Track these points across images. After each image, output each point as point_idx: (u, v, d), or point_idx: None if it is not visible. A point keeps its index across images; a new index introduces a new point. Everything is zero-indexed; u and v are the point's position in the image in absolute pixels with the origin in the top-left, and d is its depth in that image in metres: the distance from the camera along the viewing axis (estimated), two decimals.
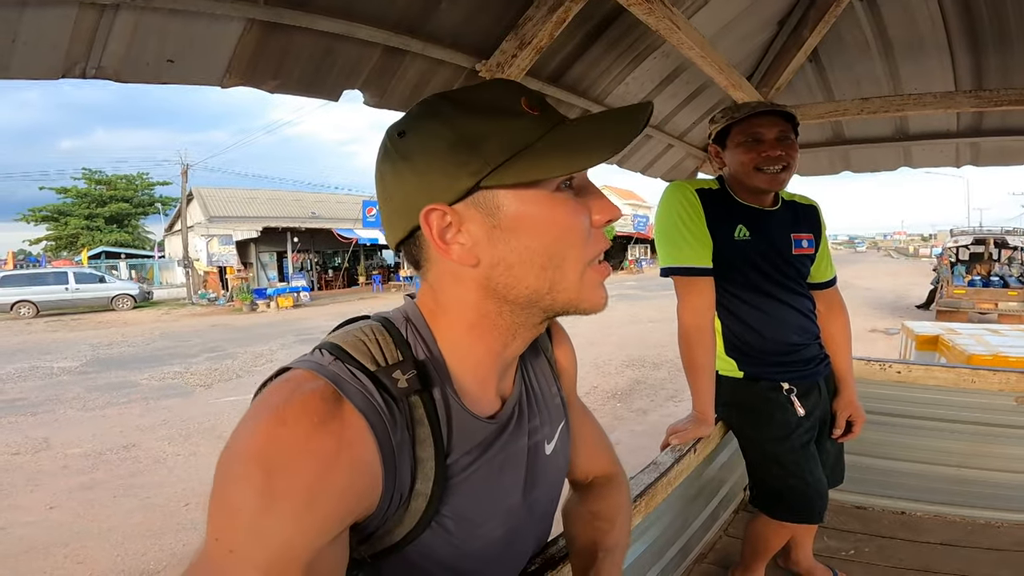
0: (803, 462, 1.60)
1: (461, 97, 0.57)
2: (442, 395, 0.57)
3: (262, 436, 0.46)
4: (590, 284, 0.58)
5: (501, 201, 0.54)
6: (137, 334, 13.79)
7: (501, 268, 0.55)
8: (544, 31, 1.30)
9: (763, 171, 1.50)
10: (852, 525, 2.20)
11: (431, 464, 0.55)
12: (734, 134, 1.53)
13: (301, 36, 1.13)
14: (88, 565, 3.43)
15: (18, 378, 8.88)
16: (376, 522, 0.54)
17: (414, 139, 0.55)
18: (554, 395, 0.75)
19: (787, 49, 2.24)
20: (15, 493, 4.50)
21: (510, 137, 0.53)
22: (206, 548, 0.45)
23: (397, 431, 0.52)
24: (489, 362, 0.61)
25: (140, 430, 6.05)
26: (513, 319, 0.59)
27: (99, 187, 32.56)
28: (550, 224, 0.55)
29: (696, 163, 2.78)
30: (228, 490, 0.46)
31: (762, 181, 1.52)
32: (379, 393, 0.52)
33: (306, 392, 0.49)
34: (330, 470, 0.46)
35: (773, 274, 1.59)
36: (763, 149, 1.49)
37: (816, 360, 1.67)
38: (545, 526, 0.77)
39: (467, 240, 0.54)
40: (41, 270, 20.60)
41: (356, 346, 0.55)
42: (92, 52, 0.93)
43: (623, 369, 8.23)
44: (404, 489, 0.54)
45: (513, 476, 0.65)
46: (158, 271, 25.71)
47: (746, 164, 1.51)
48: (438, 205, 0.53)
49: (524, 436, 0.67)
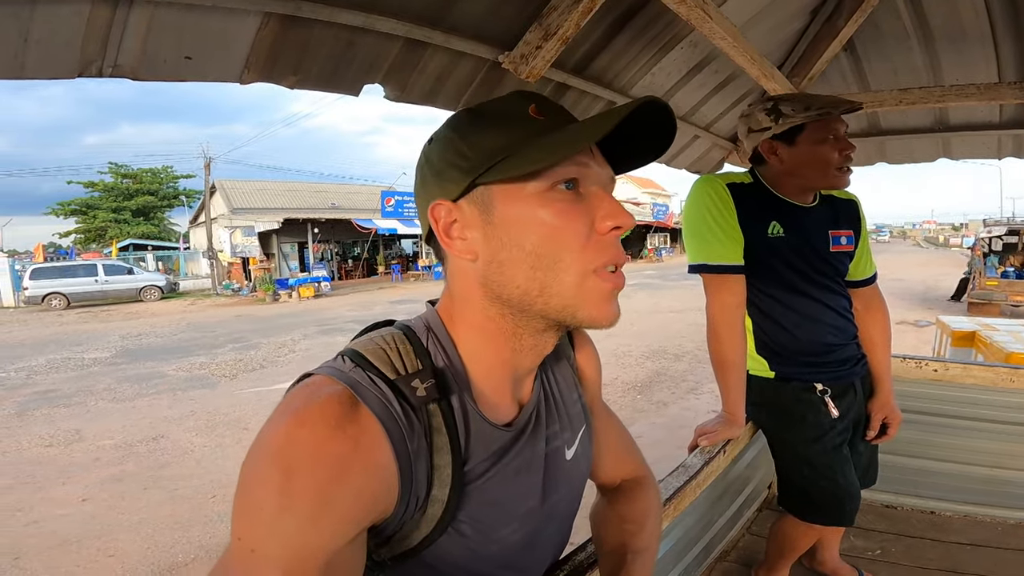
0: (835, 464, 1.55)
1: (482, 107, 0.61)
2: (460, 403, 0.58)
3: (281, 438, 0.48)
4: (593, 294, 0.56)
5: (493, 198, 0.56)
6: (164, 325, 14.09)
7: (494, 266, 0.57)
8: (570, 21, 1.25)
9: (840, 170, 1.44)
10: (879, 524, 2.17)
11: (448, 471, 0.56)
12: (812, 130, 1.43)
13: (320, 30, 1.10)
14: (119, 558, 3.50)
15: (51, 369, 9.13)
16: (393, 526, 0.55)
17: (435, 144, 0.61)
18: (575, 401, 0.75)
19: (821, 39, 2.16)
20: (48, 485, 4.61)
21: (508, 137, 0.56)
22: (230, 547, 0.47)
23: (415, 438, 0.54)
24: (501, 368, 0.62)
25: (168, 421, 6.18)
26: (515, 321, 0.59)
27: (125, 180, 33.28)
28: (537, 223, 0.55)
29: (722, 154, 2.70)
30: (249, 490, 0.47)
31: (841, 181, 1.45)
32: (398, 401, 0.53)
33: (324, 396, 0.50)
34: (346, 472, 0.48)
35: (808, 272, 1.52)
36: (843, 148, 1.42)
37: (852, 361, 1.60)
38: (565, 529, 0.77)
39: (467, 236, 0.58)
40: (71, 263, 21.06)
41: (377, 354, 0.57)
42: (108, 50, 0.91)
43: (643, 360, 8.16)
44: (420, 495, 0.55)
45: (530, 482, 0.66)
46: (184, 262, 26.18)
47: (830, 164, 1.43)
48: (443, 200, 0.58)
49: (541, 442, 0.67)
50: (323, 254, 24.32)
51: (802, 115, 1.41)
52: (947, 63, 2.28)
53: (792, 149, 1.45)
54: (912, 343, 8.67)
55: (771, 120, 1.45)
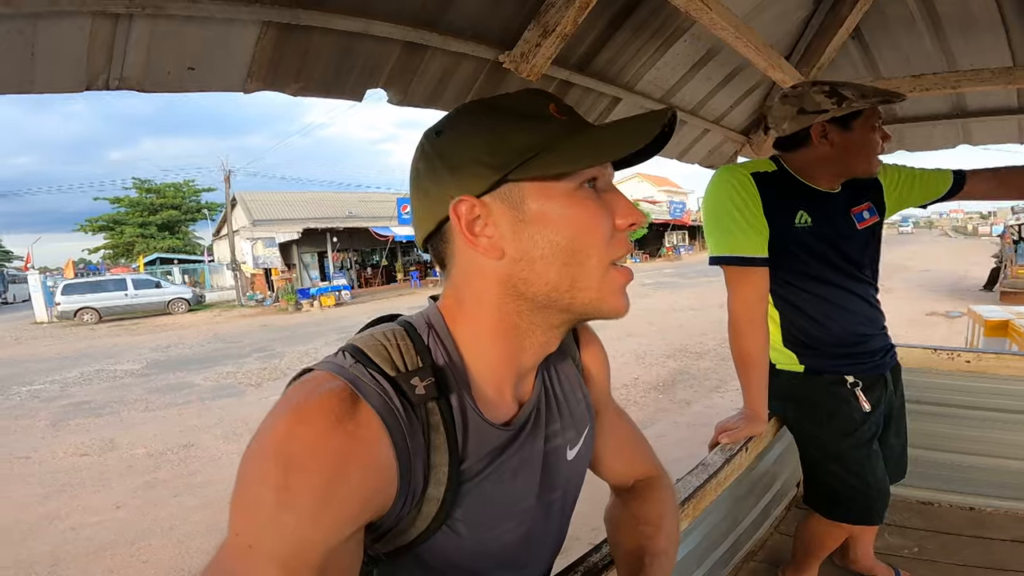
0: (866, 460, 1.50)
1: (495, 102, 0.60)
2: (459, 402, 0.58)
3: (280, 433, 0.48)
4: (611, 286, 0.59)
5: (526, 195, 0.56)
6: (192, 336, 14.41)
7: (524, 263, 0.57)
8: (567, 18, 1.24)
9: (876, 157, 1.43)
10: (915, 522, 2.11)
11: (445, 470, 0.56)
12: (866, 117, 1.40)
13: (319, 37, 1.12)
14: (153, 564, 3.58)
15: (84, 382, 9.40)
16: (390, 522, 0.55)
17: (449, 137, 0.59)
18: (579, 400, 0.74)
19: (826, 27, 2.12)
20: (84, 494, 4.74)
21: (537, 135, 0.56)
22: (227, 542, 0.47)
23: (413, 436, 0.54)
24: (505, 366, 0.62)
25: (198, 430, 6.32)
26: (531, 319, 0.60)
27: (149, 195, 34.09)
28: (572, 219, 0.56)
29: (735, 147, 2.66)
30: (248, 486, 0.47)
31: (875, 166, 1.45)
32: (398, 398, 0.53)
33: (324, 391, 0.50)
34: (345, 468, 0.47)
35: (837, 261, 1.48)
36: (885, 136, 1.42)
37: (882, 351, 1.56)
38: (563, 527, 0.76)
39: (493, 232, 0.57)
40: (101, 278, 21.64)
41: (377, 350, 0.56)
42: (113, 63, 0.93)
43: (664, 360, 8.08)
44: (417, 492, 0.55)
45: (527, 480, 0.65)
46: (208, 275, 26.69)
47: (875, 150, 1.42)
48: (467, 196, 0.56)
49: (540, 440, 0.67)
50: (343, 263, 24.61)
51: (861, 101, 1.38)
52: (959, 48, 2.22)
53: (846, 134, 1.42)
54: (943, 335, 8.44)
55: (832, 103, 1.40)
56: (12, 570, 3.52)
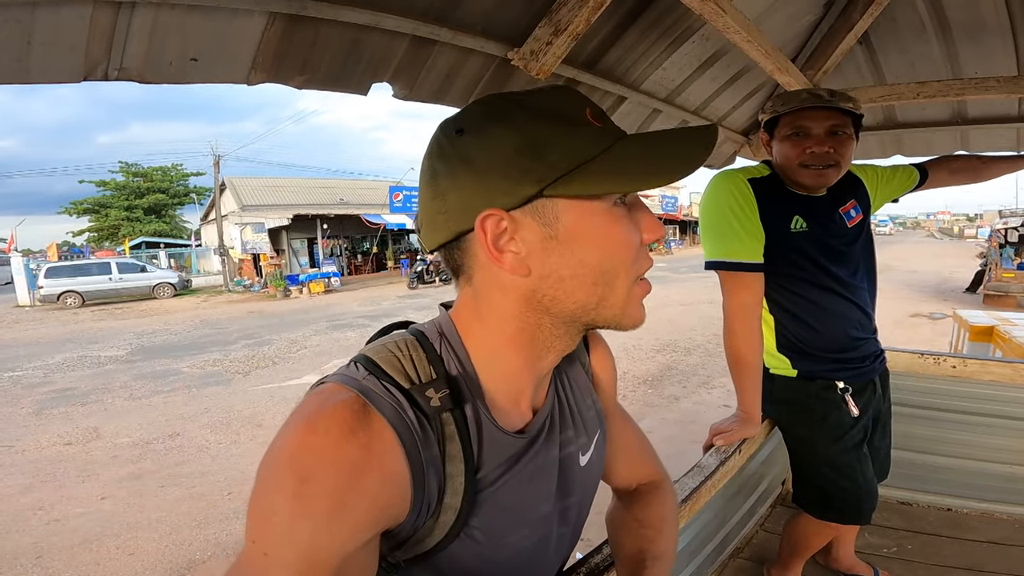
0: (855, 463, 1.54)
1: (526, 101, 0.55)
2: (473, 412, 0.58)
3: (295, 444, 0.48)
4: (634, 301, 0.58)
5: (560, 212, 0.53)
6: (178, 322, 14.25)
7: (552, 280, 0.55)
8: (580, 17, 1.22)
9: (808, 167, 1.41)
10: (895, 522, 2.16)
11: (461, 480, 0.56)
12: (782, 125, 1.44)
13: (326, 29, 1.08)
14: (139, 556, 3.55)
15: (68, 368, 9.25)
16: (406, 531, 0.55)
17: (475, 140, 0.53)
18: (590, 406, 0.74)
19: (835, 31, 2.12)
20: (69, 484, 4.67)
21: (576, 147, 0.52)
22: (245, 551, 0.48)
23: (428, 447, 0.53)
24: (525, 375, 0.61)
25: (184, 419, 6.25)
26: (553, 332, 0.59)
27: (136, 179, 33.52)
28: (607, 239, 0.54)
29: (734, 147, 2.66)
30: (264, 495, 0.47)
31: (806, 177, 1.43)
32: (412, 409, 0.53)
33: (336, 403, 0.50)
34: (358, 478, 0.48)
35: (831, 266, 1.50)
36: (809, 144, 1.39)
37: (872, 357, 1.59)
38: (576, 534, 0.76)
39: (521, 249, 0.53)
40: (85, 261, 21.32)
41: (390, 361, 0.56)
42: (112, 53, 0.90)
43: (653, 354, 8.13)
44: (432, 502, 0.55)
45: (543, 488, 0.65)
46: (195, 259, 26.39)
47: (791, 159, 1.43)
48: (496, 210, 0.52)
49: (555, 448, 0.67)
50: (333, 249, 24.45)
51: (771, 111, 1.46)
52: (965, 56, 2.23)
53: (774, 143, 1.48)
54: (927, 336, 8.57)
55: (766, 109, 1.49)
56: None
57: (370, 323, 11.91)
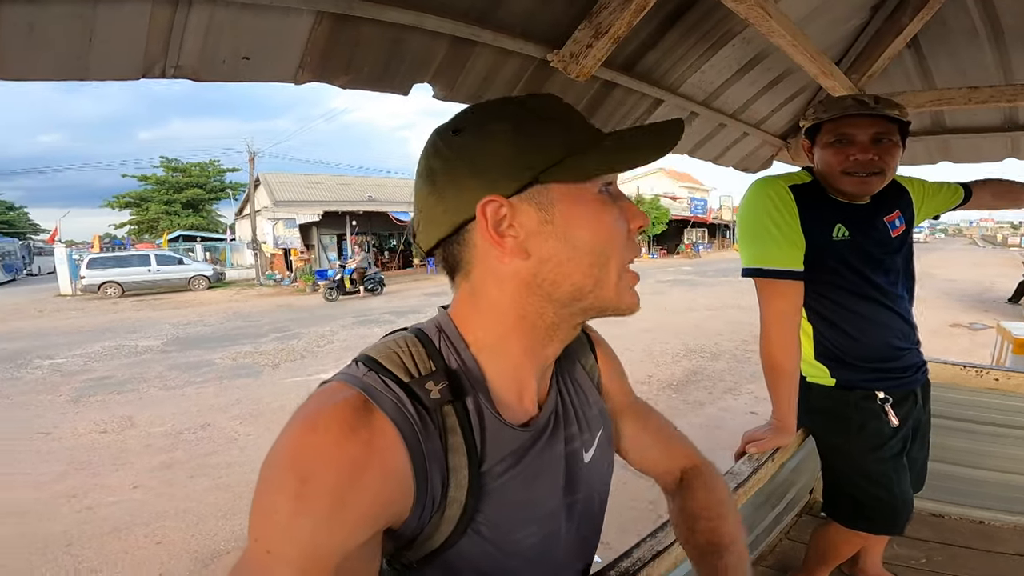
0: (892, 474, 1.51)
1: (516, 101, 0.60)
2: (475, 404, 0.59)
3: (296, 443, 0.49)
4: (626, 286, 0.61)
5: (555, 197, 0.57)
6: (212, 314, 14.61)
7: (551, 264, 0.57)
8: (622, 20, 1.22)
9: (851, 175, 1.38)
10: (925, 533, 2.12)
11: (464, 472, 0.56)
12: (824, 132, 1.41)
13: (370, 28, 1.10)
14: (165, 545, 3.60)
15: (106, 356, 9.55)
16: (413, 528, 0.56)
17: (472, 136, 0.57)
18: (592, 405, 0.75)
19: (882, 35, 2.06)
20: (103, 472, 4.77)
21: (568, 138, 0.57)
22: (248, 548, 0.49)
23: (429, 440, 0.54)
24: (527, 367, 0.63)
25: (215, 409, 6.37)
26: (554, 318, 0.61)
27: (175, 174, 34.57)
28: (599, 222, 0.58)
29: (772, 151, 2.61)
30: (266, 493, 0.49)
31: (849, 185, 1.40)
32: (412, 403, 0.54)
33: (337, 401, 0.51)
34: (359, 475, 0.49)
35: (873, 275, 1.47)
36: (853, 152, 1.36)
37: (915, 368, 1.56)
38: (590, 535, 0.76)
39: (519, 233, 0.56)
40: (126, 253, 22.02)
41: (390, 357, 0.57)
42: (170, 50, 0.92)
43: (679, 359, 8.02)
44: (437, 496, 0.55)
45: (550, 483, 0.66)
46: (229, 253, 27.01)
47: (833, 166, 1.40)
48: (495, 196, 0.55)
49: (560, 443, 0.67)
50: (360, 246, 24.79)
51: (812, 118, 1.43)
52: (1018, 61, 2.17)
53: (816, 149, 1.46)
54: (965, 347, 8.26)
55: (808, 115, 1.47)
56: (27, 550, 3.53)
57: (395, 319, 12.04)
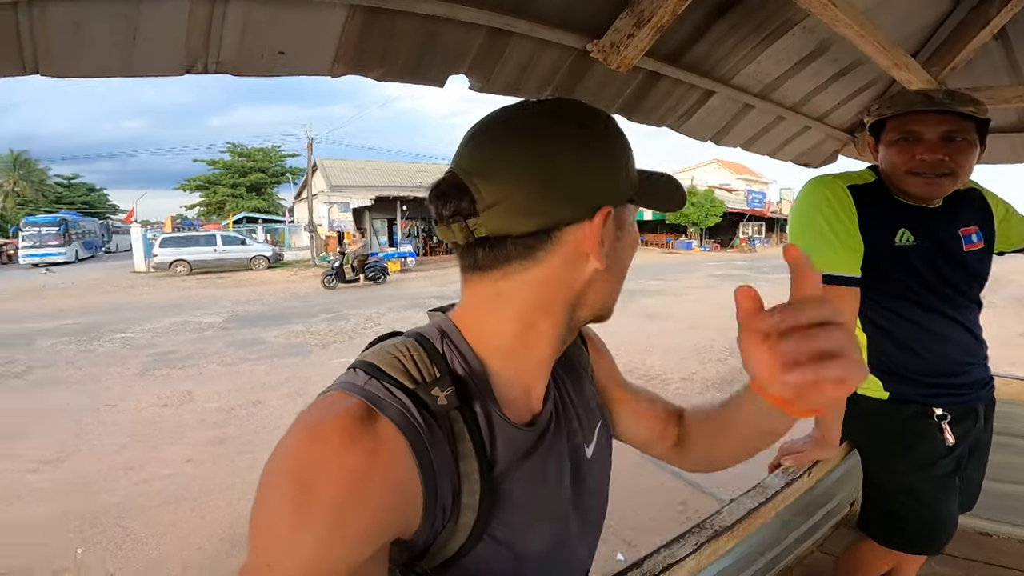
0: (940, 494, 1.42)
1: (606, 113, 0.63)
2: (482, 408, 0.57)
3: (296, 454, 0.48)
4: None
5: (627, 218, 0.61)
6: (269, 293, 15.27)
7: (608, 275, 0.60)
8: (666, 8, 1.15)
9: (917, 175, 1.27)
10: (968, 552, 2.02)
11: (476, 478, 0.55)
12: (889, 129, 1.31)
13: (403, 21, 1.09)
14: (208, 520, 3.73)
15: (172, 332, 10.12)
16: (426, 538, 0.54)
17: (599, 137, 0.57)
18: (588, 398, 0.76)
19: (966, 27, 1.87)
20: (161, 445, 4.98)
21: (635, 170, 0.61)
22: (248, 561, 0.47)
23: (437, 447, 0.52)
24: (539, 369, 0.63)
25: (266, 387, 6.63)
26: (574, 324, 0.62)
27: (241, 159, 36.23)
28: (634, 247, 0.64)
29: (837, 145, 2.44)
30: (266, 506, 0.48)
31: (915, 186, 1.29)
32: (418, 410, 0.52)
33: (338, 410, 0.50)
34: (363, 486, 0.47)
35: (938, 285, 1.35)
36: (919, 151, 1.25)
37: (980, 384, 1.43)
38: (595, 530, 0.75)
39: (606, 244, 0.58)
40: (194, 233, 23.40)
41: (392, 364, 0.55)
42: (210, 46, 0.93)
43: (725, 357, 7.76)
44: (448, 504, 0.54)
45: (558, 479, 0.66)
46: (288, 235, 28.11)
47: (897, 166, 1.30)
48: (611, 207, 0.57)
49: (564, 438, 0.68)
50: (410, 230, 25.34)
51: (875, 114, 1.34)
52: None
53: (880, 147, 1.36)
54: None
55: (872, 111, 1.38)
56: (80, 521, 3.67)
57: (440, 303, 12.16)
